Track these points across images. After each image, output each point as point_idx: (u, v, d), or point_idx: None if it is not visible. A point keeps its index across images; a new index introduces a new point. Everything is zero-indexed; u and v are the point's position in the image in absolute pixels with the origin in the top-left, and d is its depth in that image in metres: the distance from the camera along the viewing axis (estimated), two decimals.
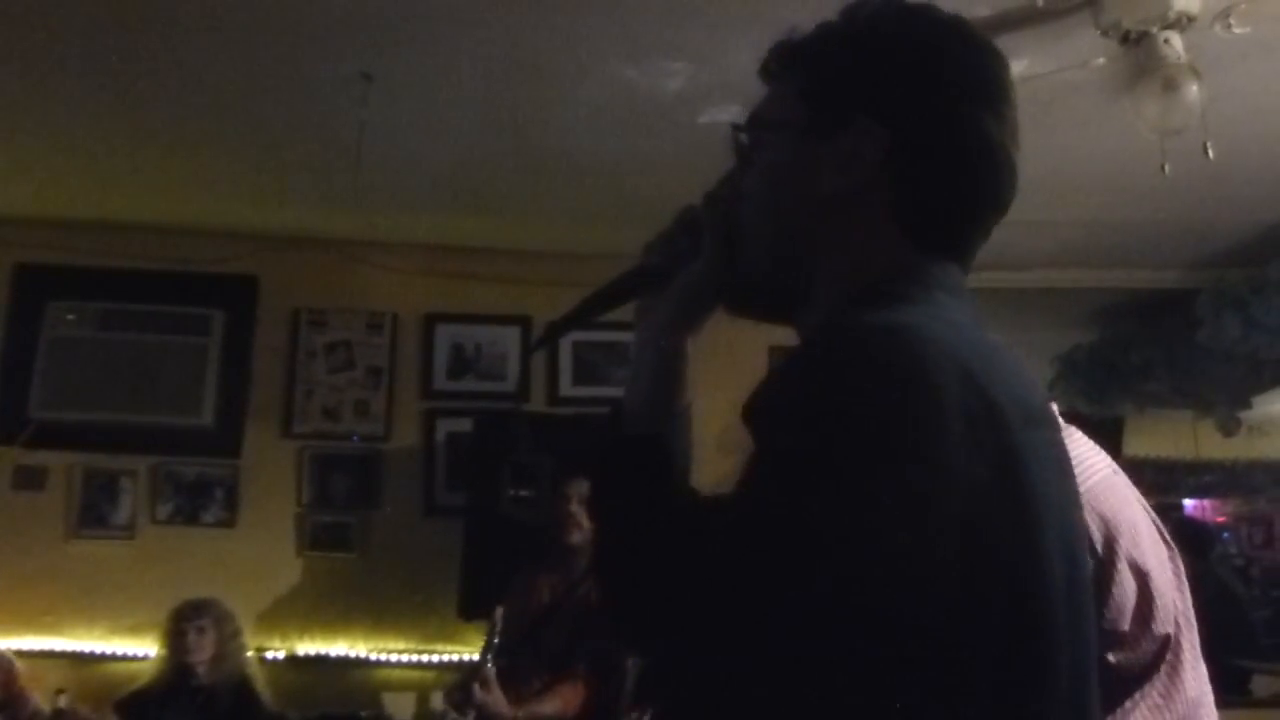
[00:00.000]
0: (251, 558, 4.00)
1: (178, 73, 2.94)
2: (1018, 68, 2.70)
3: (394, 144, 3.33)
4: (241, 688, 3.41)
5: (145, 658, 3.69)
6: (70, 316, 4.07)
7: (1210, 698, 1.20)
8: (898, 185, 0.81)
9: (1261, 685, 4.07)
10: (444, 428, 4.20)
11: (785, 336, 0.94)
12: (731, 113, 3.07)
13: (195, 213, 4.07)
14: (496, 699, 2.72)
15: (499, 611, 2.95)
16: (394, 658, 3.94)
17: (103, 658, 3.84)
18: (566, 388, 4.31)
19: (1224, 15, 2.43)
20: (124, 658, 3.82)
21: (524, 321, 4.30)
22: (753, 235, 0.86)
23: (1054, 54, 2.58)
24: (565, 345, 4.34)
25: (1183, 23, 2.36)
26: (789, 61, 0.88)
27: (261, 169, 3.63)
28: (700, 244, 0.88)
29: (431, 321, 4.28)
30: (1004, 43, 2.57)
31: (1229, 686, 3.97)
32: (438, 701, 3.56)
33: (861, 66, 0.83)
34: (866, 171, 0.81)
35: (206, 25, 2.69)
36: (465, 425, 4.01)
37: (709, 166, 3.29)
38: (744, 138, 0.89)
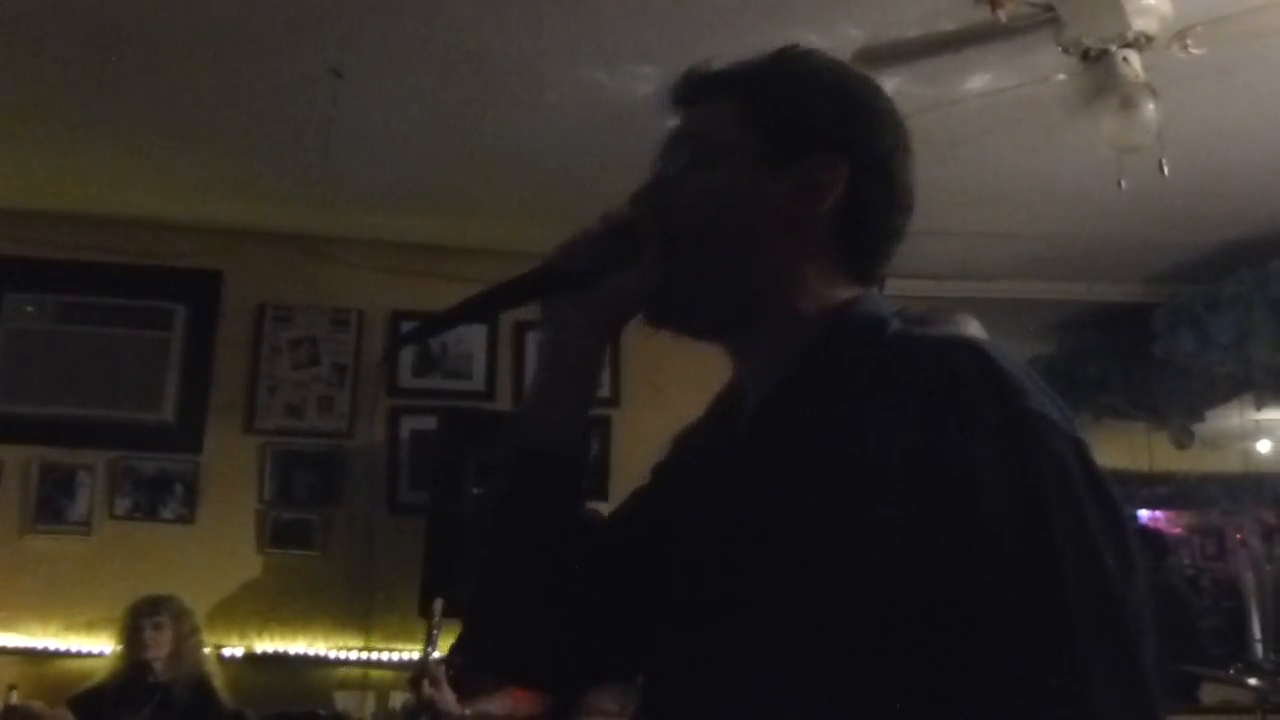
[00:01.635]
0: (211, 554, 3.97)
1: (143, 65, 2.92)
2: (981, 82, 2.76)
3: (362, 141, 3.33)
4: (199, 685, 3.38)
5: (101, 655, 3.64)
6: (29, 309, 4.01)
7: None
8: (847, 217, 0.87)
9: (1209, 692, 4.15)
10: (408, 425, 4.19)
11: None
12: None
13: (158, 206, 4.04)
14: (445, 697, 2.71)
15: (438, 604, 2.94)
16: (354, 656, 3.92)
17: (57, 654, 3.79)
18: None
19: (1181, 36, 2.49)
20: (79, 654, 3.77)
21: (491, 321, 4.30)
22: (695, 250, 0.87)
23: (1016, 69, 2.63)
24: (532, 344, 4.35)
25: (1141, 42, 2.42)
26: (721, 88, 0.91)
27: (227, 163, 3.61)
28: (632, 251, 0.87)
29: (398, 319, 4.27)
30: (968, 57, 2.62)
31: (1178, 693, 4.06)
32: (398, 701, 3.56)
33: (818, 104, 0.89)
34: (826, 200, 0.86)
35: (173, 18, 2.68)
36: (430, 423, 4.01)
37: None
38: (684, 153, 0.90)
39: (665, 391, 3.89)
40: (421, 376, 4.28)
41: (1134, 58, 2.42)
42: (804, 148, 0.87)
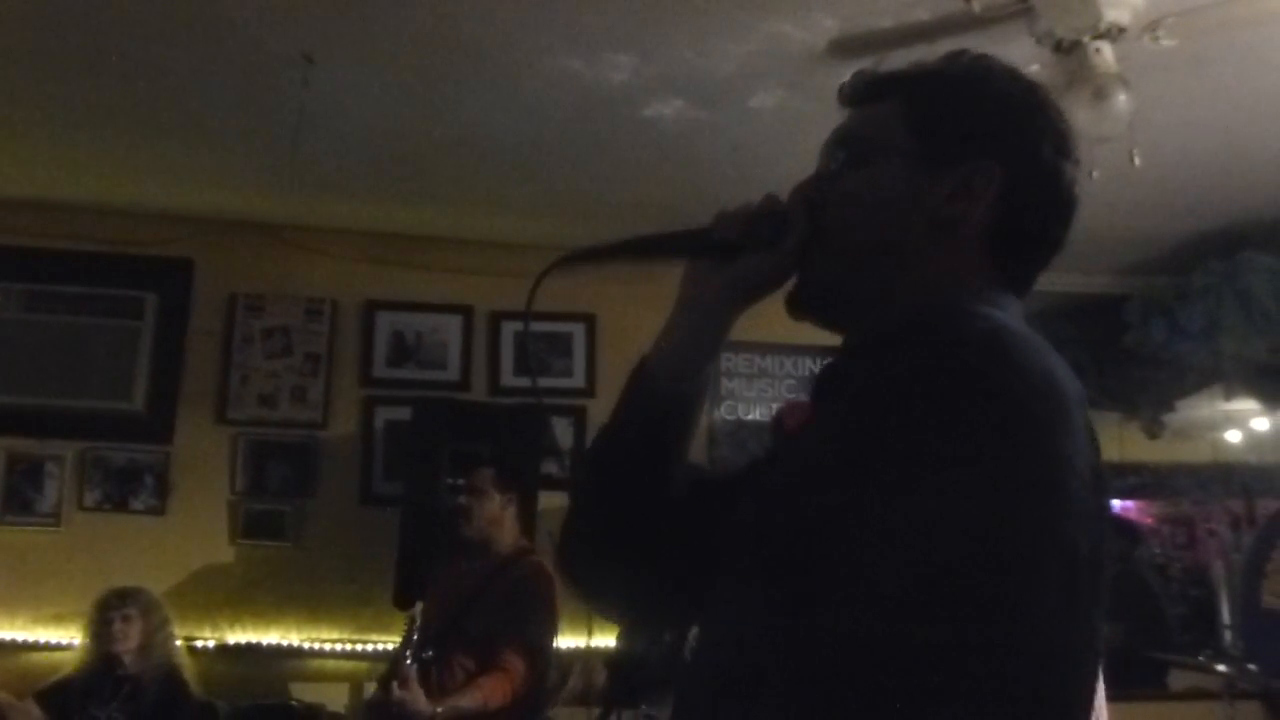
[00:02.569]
0: (182, 546, 3.93)
1: (113, 50, 2.88)
2: None
3: (335, 128, 3.30)
4: (169, 677, 3.35)
5: (69, 647, 3.60)
6: None
7: None
8: (1000, 222, 0.89)
9: (1177, 679, 4.21)
10: (383, 416, 4.17)
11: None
12: (674, 107, 3.10)
13: (129, 193, 3.98)
14: (416, 696, 2.72)
15: (417, 608, 2.96)
16: (328, 647, 3.90)
17: (25, 646, 3.75)
18: (508, 378, 4.30)
19: (1153, 27, 2.50)
20: (47, 647, 3.73)
21: (465, 310, 4.28)
22: (842, 243, 0.91)
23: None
24: (507, 335, 4.33)
25: (1113, 33, 2.43)
26: (886, 91, 0.94)
27: (199, 150, 3.56)
28: (780, 235, 0.91)
29: (372, 308, 4.24)
30: (941, 48, 2.62)
31: (1147, 680, 4.11)
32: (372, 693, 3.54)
33: (979, 110, 0.91)
34: (978, 205, 0.88)
35: (143, 2, 2.63)
36: (404, 414, 3.99)
37: (652, 159, 3.34)
38: (843, 151, 0.93)
39: None
40: (396, 366, 4.26)
41: (1106, 49, 2.43)
42: (960, 152, 0.89)
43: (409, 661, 2.81)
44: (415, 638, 2.88)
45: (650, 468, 0.94)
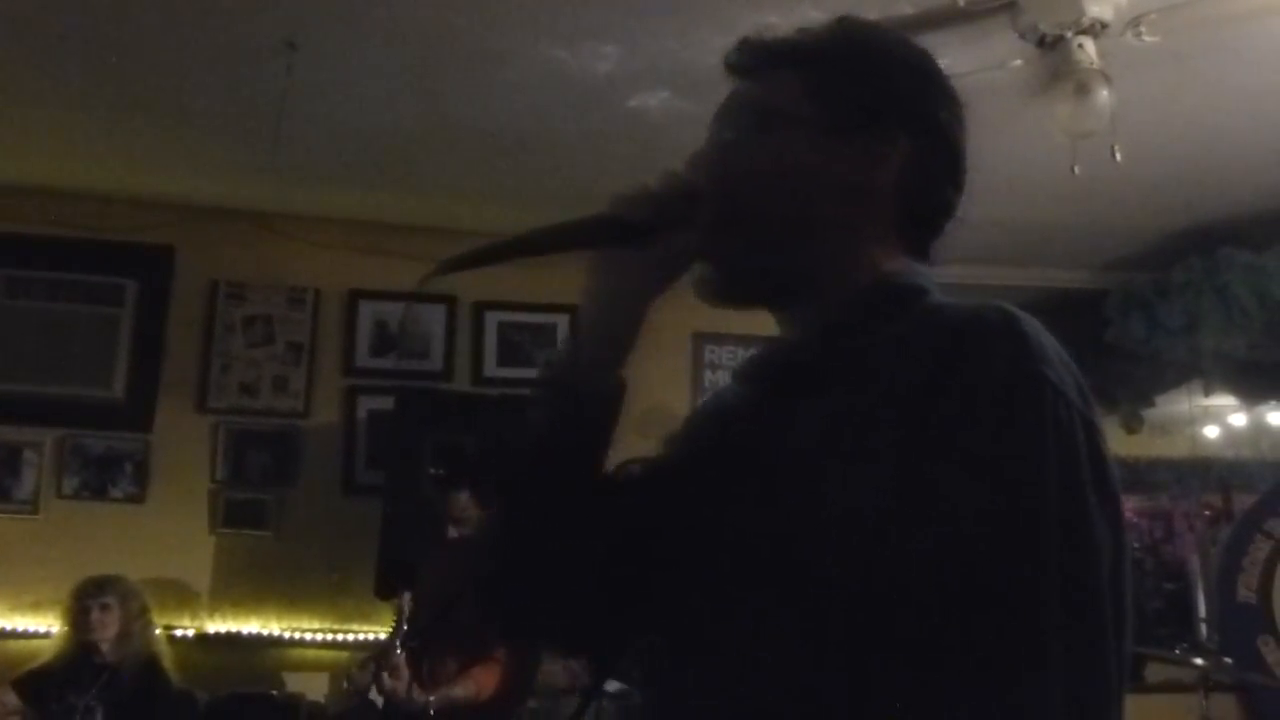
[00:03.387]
0: (161, 534, 3.91)
1: (93, 34, 2.85)
2: (940, 66, 2.77)
3: (318, 115, 3.28)
4: (147, 666, 3.34)
5: (47, 635, 3.58)
6: None
7: None
8: (907, 188, 0.88)
9: (1154, 671, 4.25)
10: (365, 405, 4.15)
11: (709, 323, 0.97)
12: (660, 97, 3.09)
13: (109, 179, 3.95)
14: (407, 686, 2.71)
15: (406, 597, 2.95)
16: (308, 637, 3.88)
17: (1, 634, 3.72)
18: (491, 368, 4.30)
19: (1135, 23, 2.52)
20: (24, 635, 3.70)
21: (449, 300, 4.27)
22: (753, 217, 0.89)
23: (973, 55, 2.63)
24: (491, 325, 4.33)
25: (1096, 29, 2.45)
26: (780, 60, 0.92)
27: (180, 136, 3.54)
28: (690, 212, 0.88)
29: (355, 298, 4.22)
30: (925, 42, 2.63)
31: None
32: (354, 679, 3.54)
33: (879, 77, 0.90)
34: (889, 172, 0.87)
35: None
36: (387, 403, 3.97)
37: (636, 149, 3.33)
38: (743, 120, 0.91)
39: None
40: (379, 356, 4.24)
41: (1089, 44, 2.45)
42: (867, 119, 0.88)
43: (399, 651, 2.81)
44: (405, 627, 2.87)
45: (583, 476, 0.90)
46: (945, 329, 0.78)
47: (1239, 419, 6.26)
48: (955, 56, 2.71)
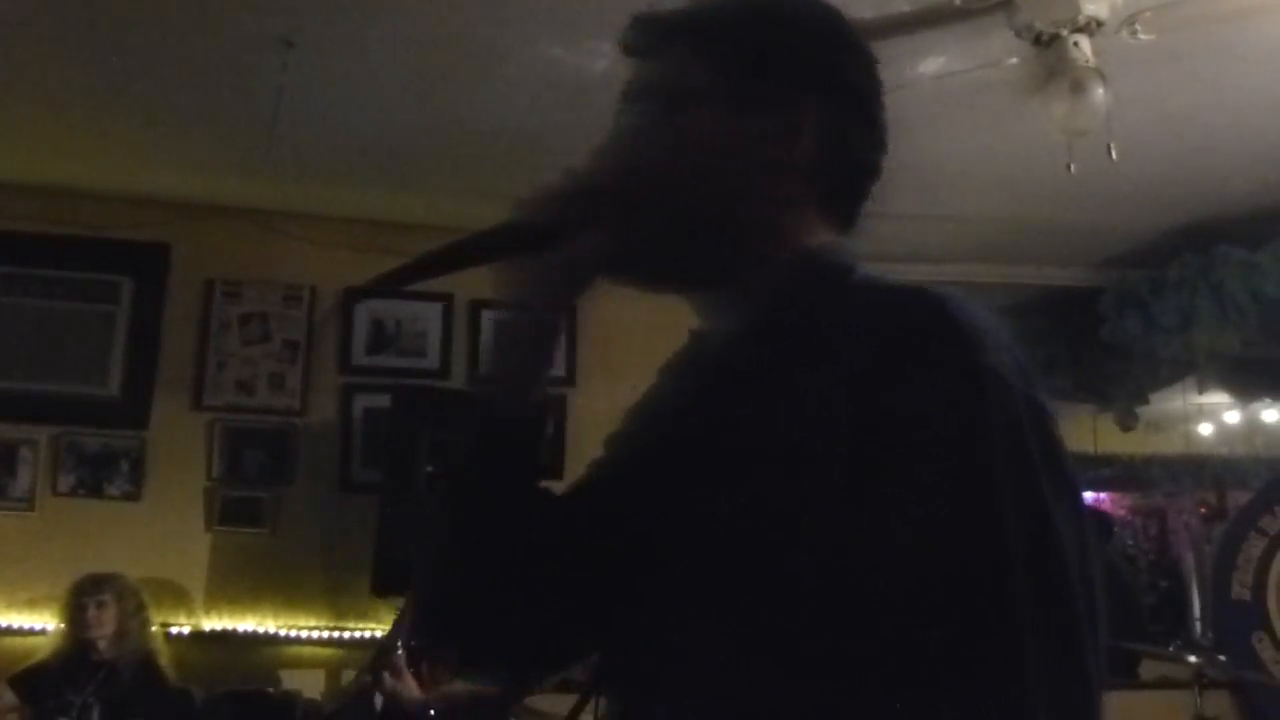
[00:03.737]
0: (158, 532, 3.90)
1: (89, 31, 2.84)
2: (934, 65, 2.78)
3: (314, 113, 3.28)
4: (144, 664, 3.34)
5: (43, 632, 3.58)
6: None
7: None
8: (825, 157, 0.83)
9: (1148, 669, 4.26)
10: (361, 403, 4.15)
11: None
12: None
13: (105, 176, 3.94)
14: (407, 685, 2.71)
15: (409, 596, 2.95)
16: (304, 635, 3.88)
17: None
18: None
19: (1131, 22, 2.53)
20: (20, 632, 3.70)
21: (446, 299, 4.26)
22: (667, 204, 0.84)
23: (969, 53, 2.65)
24: (488, 324, 4.32)
25: (1092, 27, 2.45)
26: (676, 35, 0.87)
27: (176, 133, 3.53)
28: (598, 210, 0.83)
29: (351, 296, 4.22)
30: (922, 40, 2.64)
31: (1118, 669, 4.16)
32: (348, 680, 3.54)
33: (790, 43, 0.85)
34: (804, 143, 0.82)
35: None
36: (383, 401, 3.97)
37: None
38: (644, 106, 0.86)
39: (622, 371, 3.89)
40: (375, 354, 4.24)
41: (1085, 42, 2.45)
42: (775, 88, 0.83)
43: (400, 650, 2.80)
44: (406, 627, 2.87)
45: (517, 497, 0.85)
46: (879, 321, 0.74)
47: (1233, 416, 6.29)
48: (951, 55, 2.73)
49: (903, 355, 0.71)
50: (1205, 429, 6.65)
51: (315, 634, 3.90)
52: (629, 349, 3.81)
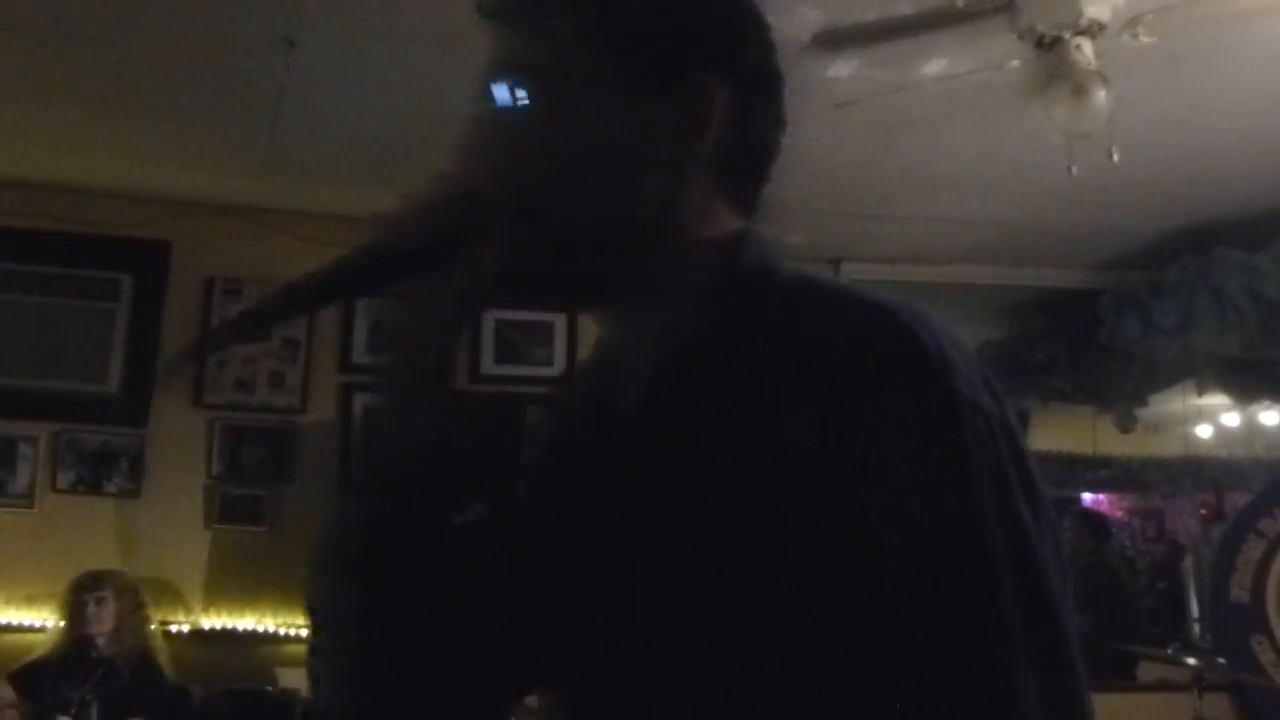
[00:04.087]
0: (157, 530, 3.91)
1: (92, 29, 2.84)
2: (937, 67, 2.78)
3: (316, 112, 3.28)
4: (143, 661, 3.34)
5: (43, 629, 3.58)
6: None
7: None
8: (730, 143, 0.74)
9: (1146, 671, 4.27)
10: (361, 402, 4.16)
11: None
12: None
13: (106, 174, 3.94)
14: None
15: None
16: (303, 633, 3.88)
17: None
18: (488, 365, 4.30)
19: (1133, 24, 2.52)
20: (19, 628, 3.70)
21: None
22: (559, 210, 0.74)
23: (971, 55, 2.65)
24: (487, 322, 4.33)
25: (1094, 30, 2.46)
26: (555, 5, 0.76)
27: (176, 131, 3.52)
28: (479, 220, 0.73)
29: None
30: (924, 42, 2.64)
31: (1117, 671, 4.17)
32: None
33: (684, 15, 0.75)
34: (709, 131, 0.73)
35: None
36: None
37: None
38: (521, 91, 0.74)
39: None
40: (375, 353, 4.25)
41: (1086, 45, 2.46)
42: (674, 69, 0.73)
43: None
44: None
45: (434, 537, 0.75)
46: (837, 341, 0.68)
47: (1232, 418, 6.30)
48: (953, 57, 2.73)
49: (871, 383, 0.66)
50: (1204, 431, 6.66)
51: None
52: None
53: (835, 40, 2.61)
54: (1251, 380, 5.09)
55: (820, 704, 0.65)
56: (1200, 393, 5.56)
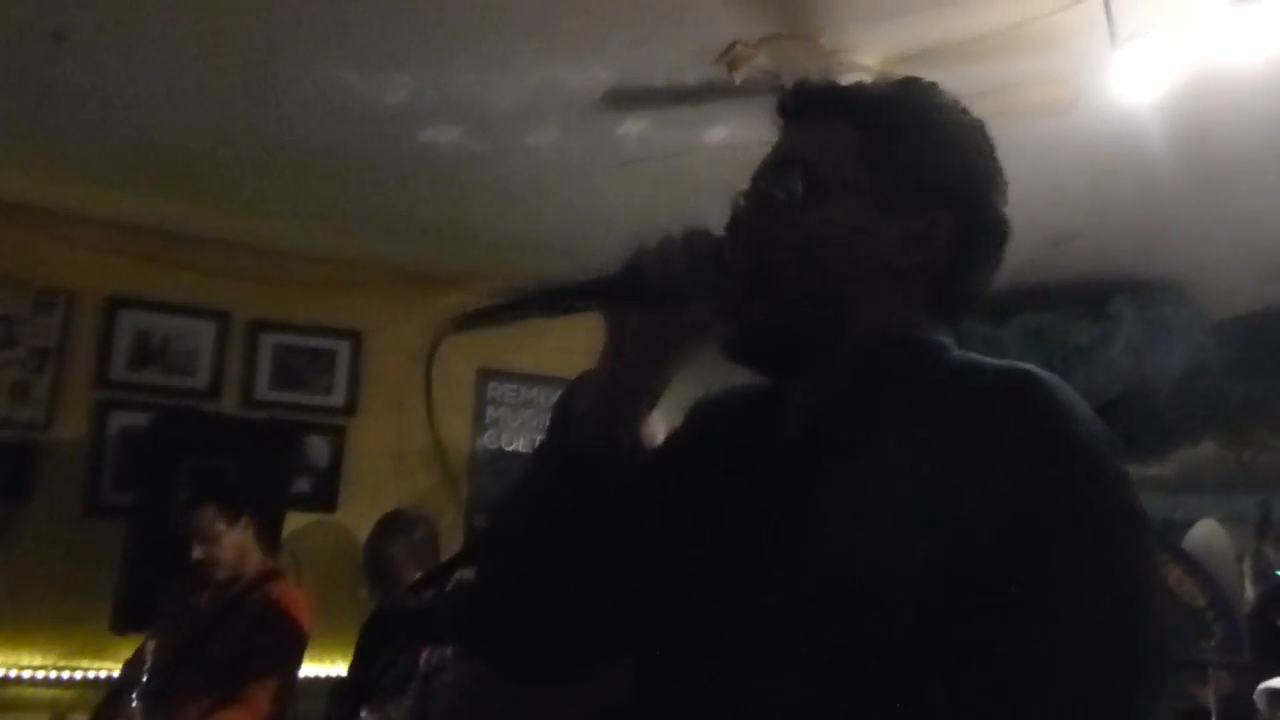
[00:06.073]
0: None
1: None
2: (720, 134, 2.93)
3: (85, 111, 3.07)
4: None
5: None
6: None
7: None
8: (947, 270, 0.87)
9: None
10: (119, 421, 3.88)
11: (495, 359, 0.93)
12: (452, 134, 3.10)
13: None
14: None
15: (148, 646, 2.76)
16: (27, 674, 3.55)
17: None
18: (262, 390, 4.12)
19: None
20: None
21: (221, 316, 4.07)
22: (792, 287, 0.85)
23: (750, 127, 2.80)
24: (265, 347, 4.16)
25: None
26: (837, 111, 0.89)
27: None
28: (720, 279, 0.84)
29: (114, 306, 3.95)
30: (708, 110, 2.77)
31: None
32: None
33: (937, 150, 0.88)
34: (935, 257, 0.86)
35: None
36: (143, 420, 3.73)
37: (425, 183, 3.31)
38: (793, 180, 0.87)
39: (404, 403, 3.84)
40: (138, 369, 3.98)
41: None
42: (918, 195, 0.86)
43: (134, 699, 2.62)
44: (146, 671, 2.68)
45: (592, 529, 0.87)
46: (976, 395, 0.77)
47: None
48: (733, 127, 2.88)
49: (1008, 434, 0.73)
50: None
51: (41, 674, 3.57)
52: (411, 380, 3.76)
53: (623, 100, 2.71)
54: None
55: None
56: None
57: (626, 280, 0.85)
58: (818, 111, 0.89)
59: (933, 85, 0.92)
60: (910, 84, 0.93)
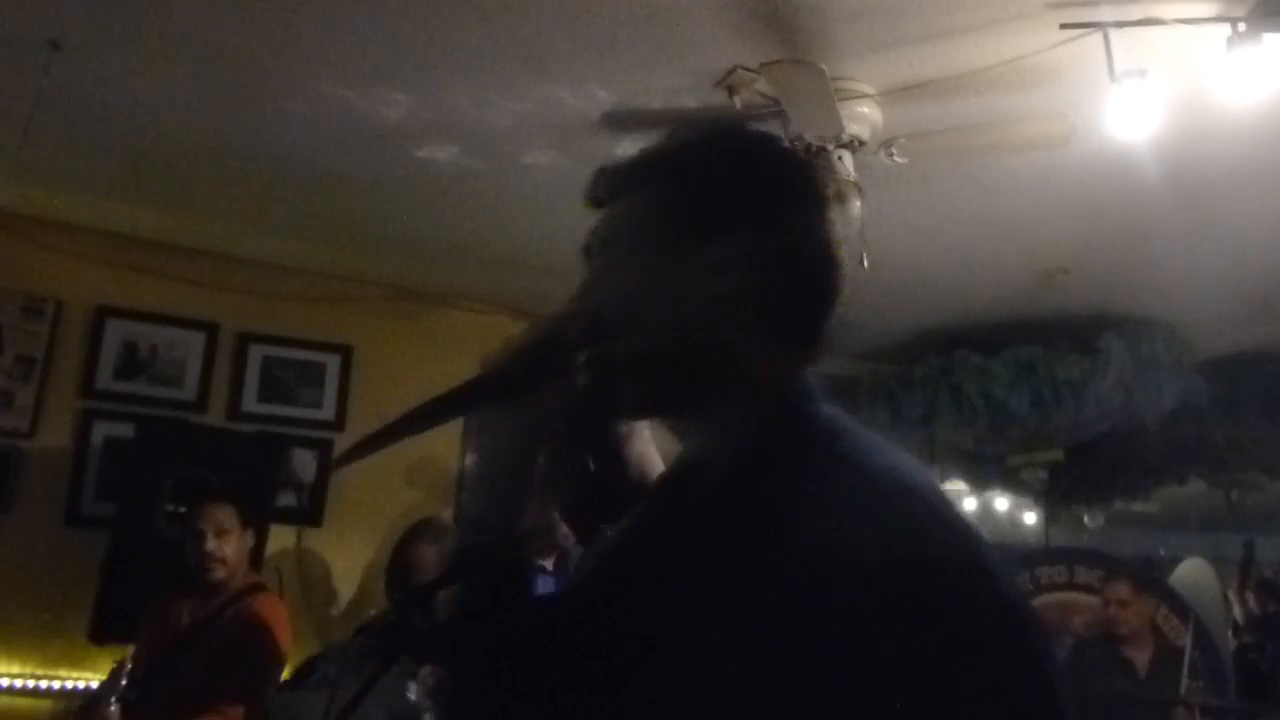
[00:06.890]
0: None
1: None
2: None
3: (80, 120, 3.07)
4: None
5: None
6: None
7: None
8: (765, 289, 0.87)
9: None
10: (102, 431, 3.85)
11: None
12: (449, 152, 3.10)
13: None
14: None
15: (130, 653, 2.74)
16: (5, 683, 3.50)
17: None
18: (250, 402, 4.09)
19: (888, 145, 2.77)
20: None
21: (210, 327, 4.04)
22: (632, 349, 0.89)
23: None
24: (254, 358, 4.13)
25: (854, 145, 2.68)
26: (631, 183, 0.94)
27: None
28: (564, 360, 0.90)
29: (102, 314, 3.93)
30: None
31: None
32: None
33: (724, 181, 0.90)
34: (741, 276, 0.86)
35: None
36: (128, 431, 3.70)
37: (421, 199, 3.30)
38: (602, 254, 0.93)
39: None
40: (125, 379, 3.95)
41: (847, 157, 2.67)
42: (714, 226, 0.88)
43: (113, 705, 2.58)
44: (124, 680, 2.65)
45: (506, 633, 0.90)
46: (858, 514, 0.74)
47: (970, 503, 6.87)
48: None
49: (915, 582, 0.71)
50: None
51: (19, 683, 3.52)
52: (400, 396, 3.74)
53: (620, 121, 2.71)
54: (983, 470, 5.59)
55: None
56: (941, 480, 6.03)
57: (482, 385, 0.92)
58: (615, 191, 0.95)
59: (737, 126, 0.98)
60: (708, 126, 1.00)
